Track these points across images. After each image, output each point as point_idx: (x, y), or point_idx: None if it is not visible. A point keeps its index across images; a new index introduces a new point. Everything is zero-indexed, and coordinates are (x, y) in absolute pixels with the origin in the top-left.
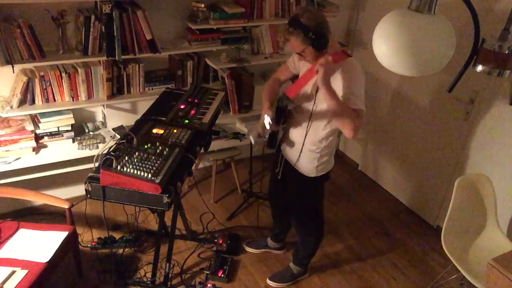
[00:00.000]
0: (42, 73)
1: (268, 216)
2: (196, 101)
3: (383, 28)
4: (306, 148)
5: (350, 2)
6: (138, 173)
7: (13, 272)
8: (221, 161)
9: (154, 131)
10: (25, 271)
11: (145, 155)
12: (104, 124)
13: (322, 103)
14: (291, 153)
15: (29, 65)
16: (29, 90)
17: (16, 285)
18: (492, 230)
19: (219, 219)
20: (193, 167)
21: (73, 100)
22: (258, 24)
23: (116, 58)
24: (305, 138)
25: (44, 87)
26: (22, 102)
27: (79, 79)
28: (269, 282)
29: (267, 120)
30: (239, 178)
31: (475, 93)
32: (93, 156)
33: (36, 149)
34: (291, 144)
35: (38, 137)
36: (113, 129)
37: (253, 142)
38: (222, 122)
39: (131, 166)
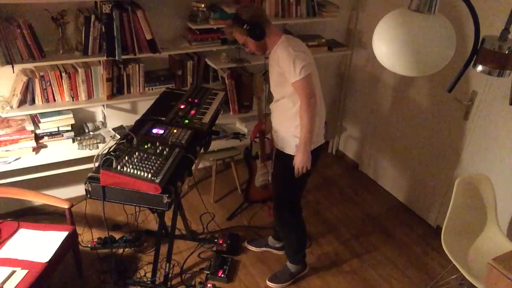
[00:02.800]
0: (42, 73)
1: (267, 215)
2: (196, 101)
3: (383, 28)
4: (275, 129)
5: (350, 2)
6: (138, 173)
7: (13, 272)
8: (221, 161)
9: (154, 131)
10: (25, 271)
11: (145, 155)
12: (104, 124)
13: (273, 91)
14: (273, 135)
15: (29, 65)
16: (29, 90)
17: (16, 285)
18: (492, 230)
19: (219, 219)
20: (193, 167)
21: (73, 100)
22: None
23: (116, 58)
24: (274, 119)
25: (44, 87)
26: (22, 102)
27: (79, 79)
28: (268, 283)
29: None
30: (239, 178)
31: (475, 93)
32: (93, 156)
33: (36, 149)
34: (272, 127)
35: (38, 137)
36: (113, 129)
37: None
38: (222, 122)
39: (131, 166)
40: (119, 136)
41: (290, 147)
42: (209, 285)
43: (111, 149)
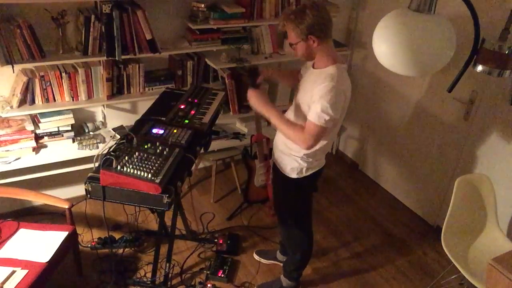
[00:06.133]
0: (42, 73)
1: (267, 215)
2: (196, 101)
3: (383, 28)
4: (279, 148)
5: (350, 2)
6: (138, 173)
7: (13, 272)
8: (221, 161)
9: (154, 131)
10: (25, 271)
11: (145, 155)
12: (104, 124)
13: (292, 107)
14: (274, 151)
15: (29, 65)
16: (29, 90)
17: (16, 285)
18: (492, 230)
19: (219, 219)
20: (193, 167)
21: (73, 100)
22: (258, 24)
23: (116, 58)
24: (277, 137)
25: (44, 87)
26: (22, 102)
27: (79, 79)
28: None
29: None
30: (239, 178)
31: (475, 93)
32: (93, 156)
33: (36, 149)
34: (275, 141)
35: (38, 137)
36: (113, 129)
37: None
38: (222, 122)
39: (131, 166)
40: (119, 136)
41: (287, 168)
42: (209, 285)
43: (111, 149)
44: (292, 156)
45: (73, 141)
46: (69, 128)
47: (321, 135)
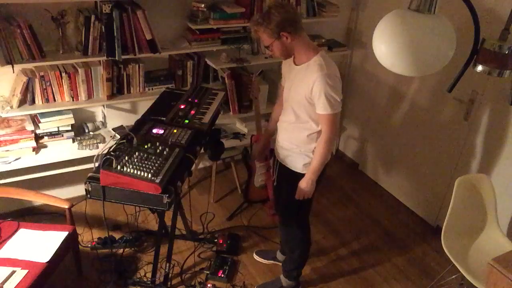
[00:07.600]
0: (42, 73)
1: (267, 215)
2: (196, 101)
3: (383, 28)
4: (285, 148)
5: (350, 2)
6: (138, 173)
7: (13, 272)
8: (221, 161)
9: (154, 131)
10: (25, 271)
11: (145, 155)
12: (104, 124)
13: (294, 108)
14: (279, 151)
15: (29, 65)
16: (29, 90)
17: (16, 285)
18: (492, 230)
19: (219, 219)
20: (193, 167)
21: (73, 100)
22: None
23: (116, 58)
24: (285, 136)
25: (44, 87)
26: (22, 102)
27: (79, 79)
28: None
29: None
30: (239, 178)
31: (475, 93)
32: (93, 156)
33: (36, 149)
34: (278, 142)
35: (38, 137)
36: (113, 129)
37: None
38: (222, 122)
39: (131, 166)
40: (119, 136)
41: (299, 165)
42: (209, 285)
43: (111, 149)
44: (302, 153)
45: (73, 141)
46: (69, 128)
47: (338, 120)
